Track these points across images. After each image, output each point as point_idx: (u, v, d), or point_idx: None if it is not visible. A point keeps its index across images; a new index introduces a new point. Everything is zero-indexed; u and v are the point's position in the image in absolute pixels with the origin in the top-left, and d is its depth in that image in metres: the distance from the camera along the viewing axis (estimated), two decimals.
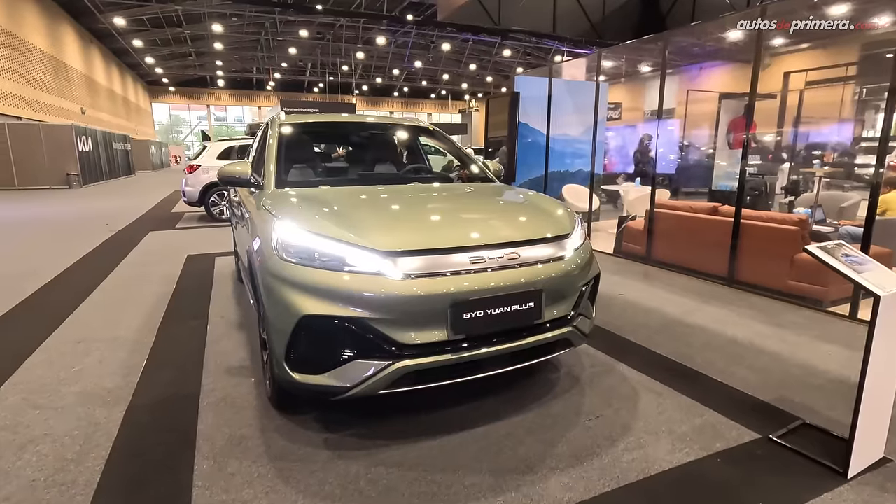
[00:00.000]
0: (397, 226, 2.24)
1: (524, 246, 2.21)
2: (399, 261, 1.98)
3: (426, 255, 2.02)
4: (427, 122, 3.89)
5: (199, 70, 37.94)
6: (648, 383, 2.74)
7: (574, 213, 2.70)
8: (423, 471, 2.00)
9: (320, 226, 2.13)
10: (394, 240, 2.05)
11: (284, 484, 1.92)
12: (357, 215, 2.27)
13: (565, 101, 7.81)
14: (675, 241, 5.17)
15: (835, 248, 2.01)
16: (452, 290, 1.97)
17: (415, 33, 31.22)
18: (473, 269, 2.05)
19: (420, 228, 2.24)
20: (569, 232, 2.42)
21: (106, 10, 23.89)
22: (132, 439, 2.22)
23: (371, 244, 2.00)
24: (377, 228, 2.13)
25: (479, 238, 2.16)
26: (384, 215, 2.38)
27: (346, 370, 1.97)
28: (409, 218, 2.38)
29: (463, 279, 2.01)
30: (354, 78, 40.24)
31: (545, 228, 2.38)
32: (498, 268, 2.10)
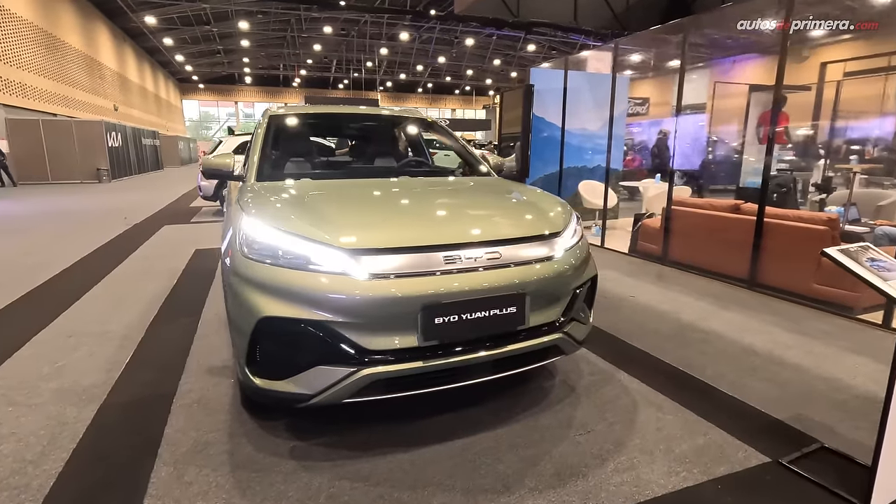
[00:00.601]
0: (368, 222, 2.09)
1: (506, 245, 2.02)
2: (365, 260, 1.83)
3: (394, 253, 1.86)
4: (426, 115, 3.73)
5: (228, 67, 38.67)
6: (650, 395, 2.53)
7: (570, 210, 2.50)
8: (390, 487, 1.85)
9: (287, 222, 1.99)
10: (360, 237, 1.90)
11: (241, 496, 1.80)
12: (330, 210, 2.13)
13: (584, 95, 7.52)
14: (694, 240, 4.88)
15: (859, 252, 1.77)
16: (423, 293, 1.81)
17: (439, 29, 31.03)
18: (448, 269, 1.88)
19: (392, 225, 2.07)
20: (559, 230, 2.22)
21: (138, 10, 24.50)
22: (96, 441, 2.14)
23: (336, 242, 1.85)
24: (346, 225, 1.99)
25: (456, 236, 1.98)
26: (358, 211, 2.22)
27: (308, 376, 1.83)
28: (384, 214, 2.21)
29: (435, 280, 1.84)
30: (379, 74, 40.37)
31: (532, 226, 2.19)
32: (476, 269, 1.92)
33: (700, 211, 4.81)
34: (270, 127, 3.07)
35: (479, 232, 2.05)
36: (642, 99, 25.53)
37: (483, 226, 2.15)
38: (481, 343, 1.96)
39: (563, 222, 2.29)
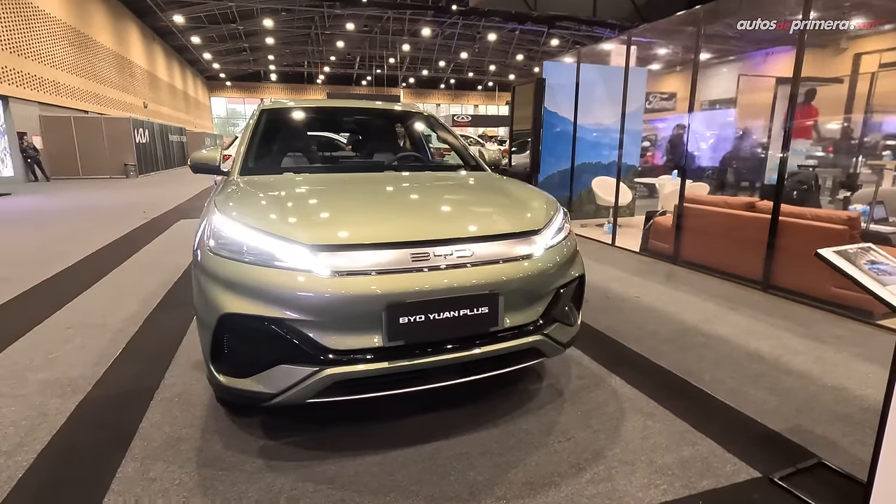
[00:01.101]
0: (335, 218, 2.02)
1: (480, 243, 1.94)
2: (327, 257, 1.77)
3: (358, 250, 1.79)
4: (423, 109, 3.65)
5: (254, 65, 39.29)
6: (640, 402, 2.41)
7: (556, 207, 2.39)
8: (353, 491, 1.79)
9: (254, 217, 1.95)
10: (324, 233, 1.84)
11: (201, 496, 1.77)
12: (300, 206, 2.08)
13: (599, 89, 7.32)
14: (706, 239, 4.68)
15: (858, 253, 1.62)
16: (387, 291, 1.74)
17: (461, 24, 30.84)
18: (415, 267, 1.81)
19: (359, 221, 2.01)
20: (539, 228, 2.12)
21: (167, 9, 25.08)
22: (72, 434, 2.15)
23: (299, 238, 1.80)
24: (312, 221, 1.93)
25: (426, 233, 1.91)
26: (329, 207, 2.17)
27: (270, 375, 1.79)
28: (355, 210, 2.14)
29: (401, 279, 1.77)
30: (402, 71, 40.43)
31: (510, 224, 2.09)
32: (445, 267, 1.84)
33: (713, 209, 4.60)
34: (260, 122, 3.05)
35: (451, 229, 1.97)
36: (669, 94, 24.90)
37: (457, 223, 2.07)
38: (451, 344, 1.89)
39: (545, 219, 2.19)
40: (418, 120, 3.66)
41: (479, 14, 22.41)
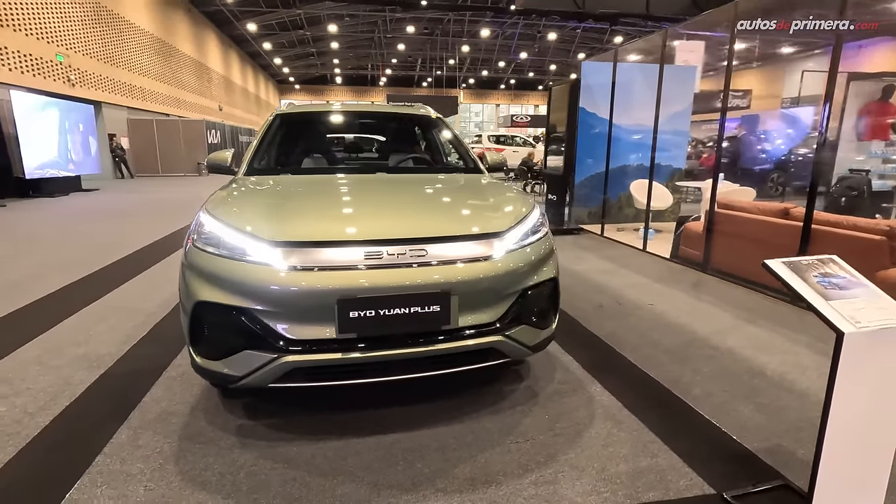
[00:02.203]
0: (300, 217, 2.16)
1: (434, 243, 2.00)
2: (286, 252, 1.91)
3: (314, 247, 1.92)
4: (432, 112, 3.73)
5: (320, 69, 41.08)
6: (615, 410, 2.36)
7: (529, 211, 2.40)
8: (305, 471, 1.92)
9: (231, 215, 2.13)
10: (285, 230, 1.98)
11: (174, 464, 1.96)
12: (275, 205, 2.24)
13: (642, 88, 7.07)
14: (737, 247, 4.42)
15: (812, 265, 1.53)
16: (337, 286, 1.86)
17: (522, 24, 30.58)
18: (367, 264, 1.91)
19: (319, 219, 2.13)
20: (500, 231, 2.15)
21: (242, 18, 26.82)
22: (85, 402, 2.44)
23: (263, 234, 1.96)
24: (279, 218, 2.08)
25: (381, 232, 2.00)
26: (300, 206, 2.31)
27: (237, 359, 1.95)
28: (323, 209, 2.27)
29: (351, 275, 1.88)
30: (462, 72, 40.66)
31: (469, 225, 2.14)
32: (397, 265, 1.93)
33: (744, 215, 4.35)
34: (273, 125, 3.27)
35: (408, 229, 2.05)
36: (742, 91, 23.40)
37: (415, 223, 2.14)
38: (404, 340, 1.97)
39: (510, 223, 2.21)
40: (425, 122, 3.75)
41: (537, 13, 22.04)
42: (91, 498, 1.78)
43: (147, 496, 1.79)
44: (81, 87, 14.87)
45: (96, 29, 15.71)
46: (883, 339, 1.34)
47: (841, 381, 1.34)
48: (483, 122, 49.63)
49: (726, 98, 4.57)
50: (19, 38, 12.28)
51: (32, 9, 12.77)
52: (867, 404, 1.39)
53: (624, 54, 6.76)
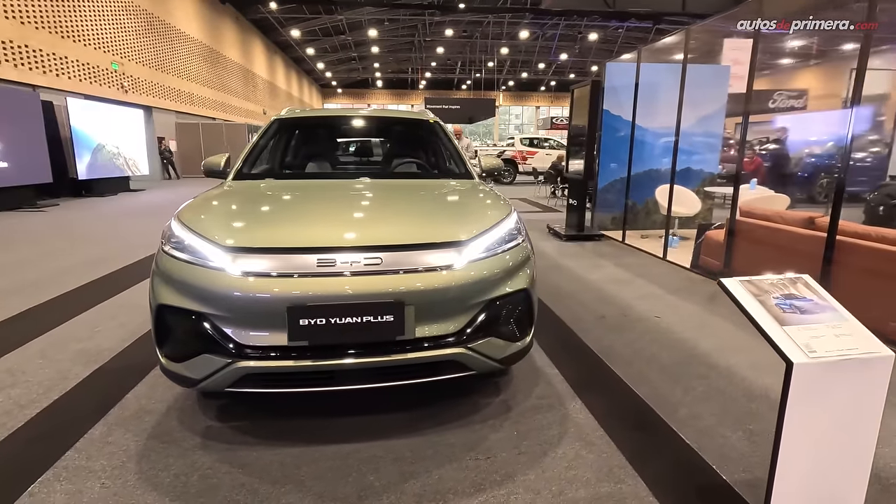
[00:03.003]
0: (259, 223, 2.17)
1: (390, 251, 1.96)
2: (239, 258, 1.92)
3: (266, 254, 1.92)
4: (431, 117, 3.69)
5: (362, 72, 41.89)
6: (589, 430, 2.25)
7: (500, 218, 2.31)
8: (257, 478, 1.92)
9: (197, 220, 2.16)
10: (240, 237, 1.99)
11: (135, 462, 2.01)
12: (238, 211, 2.26)
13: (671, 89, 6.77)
14: (758, 257, 4.15)
15: (776, 285, 1.39)
16: (287, 294, 1.85)
17: (563, 24, 30.12)
18: (318, 272, 1.89)
19: (277, 225, 2.13)
20: (463, 240, 2.08)
21: (286, 25, 27.74)
22: (72, 397, 2.54)
23: (219, 240, 1.97)
24: (239, 224, 2.10)
25: (334, 240, 1.98)
26: (263, 212, 2.31)
27: (196, 363, 1.98)
28: (282, 214, 2.28)
29: (302, 282, 1.87)
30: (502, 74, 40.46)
31: (430, 234, 2.08)
32: (350, 273, 1.90)
33: (766, 224, 4.07)
34: (268, 131, 3.32)
35: (363, 236, 2.02)
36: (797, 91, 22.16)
37: (373, 231, 2.11)
38: (358, 349, 1.94)
39: (477, 231, 2.14)
40: (422, 127, 3.71)
41: (564, 14, 21.70)
42: (50, 493, 1.84)
43: (101, 493, 1.83)
44: (133, 93, 15.76)
45: (149, 38, 16.61)
46: (839, 370, 1.19)
47: (791, 414, 1.21)
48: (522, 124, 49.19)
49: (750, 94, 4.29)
50: (79, 48, 13.15)
51: (92, 22, 13.65)
52: (820, 437, 1.25)
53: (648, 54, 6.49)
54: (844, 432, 1.24)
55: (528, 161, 15.98)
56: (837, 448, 1.25)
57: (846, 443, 1.24)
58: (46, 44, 12.01)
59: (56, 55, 12.32)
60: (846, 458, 1.26)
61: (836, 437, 1.24)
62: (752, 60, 4.18)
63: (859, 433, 1.23)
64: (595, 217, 7.34)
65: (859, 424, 1.23)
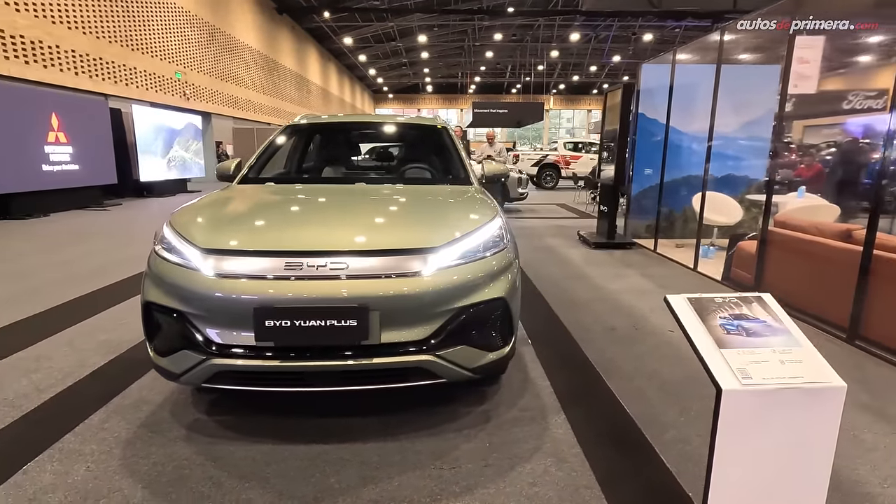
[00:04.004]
0: (234, 225, 2.24)
1: (356, 256, 1.98)
2: (212, 259, 2.00)
3: (237, 256, 1.99)
4: (439, 122, 3.69)
5: (412, 78, 42.57)
6: (565, 447, 2.17)
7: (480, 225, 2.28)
8: (226, 472, 1.99)
9: (183, 222, 2.26)
10: (215, 239, 2.07)
11: (121, 449, 2.13)
12: (222, 214, 2.35)
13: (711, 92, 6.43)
14: (791, 271, 3.85)
15: (725, 304, 1.29)
16: (254, 295, 1.91)
17: (617, 26, 29.33)
18: (285, 275, 1.93)
19: (250, 229, 2.19)
20: (434, 246, 2.06)
21: (340, 33, 28.65)
22: (85, 384, 2.73)
23: (197, 241, 2.06)
24: (213, 227, 2.18)
25: (302, 243, 2.02)
26: (245, 215, 2.39)
27: (176, 358, 2.07)
28: (261, 218, 2.34)
29: (269, 285, 1.92)
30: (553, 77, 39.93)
31: (400, 239, 2.08)
32: (316, 277, 1.93)
33: (799, 235, 3.77)
34: (279, 135, 3.44)
35: (330, 241, 2.05)
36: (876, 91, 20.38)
37: (340, 236, 2.13)
38: (324, 352, 1.97)
39: (449, 237, 2.12)
40: (431, 133, 3.71)
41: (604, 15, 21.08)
42: (41, 472, 1.98)
43: (83, 476, 1.96)
44: (194, 100, 16.78)
45: (210, 49, 17.65)
46: (778, 399, 1.09)
47: (722, 443, 1.11)
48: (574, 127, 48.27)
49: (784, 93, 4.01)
50: (146, 59, 14.17)
51: (159, 35, 14.68)
52: (756, 467, 1.14)
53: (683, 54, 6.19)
54: (790, 464, 1.13)
55: (570, 165, 15.63)
56: (783, 480, 1.13)
57: (792, 475, 1.12)
58: (118, 56, 13.02)
59: (126, 66, 13.33)
60: (794, 491, 1.14)
61: (779, 469, 1.13)
62: (787, 60, 3.90)
63: (808, 465, 1.12)
64: (628, 224, 7.07)
65: (808, 456, 1.11)
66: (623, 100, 5.95)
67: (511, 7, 24.01)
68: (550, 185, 15.78)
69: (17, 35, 9.92)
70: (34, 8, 10.31)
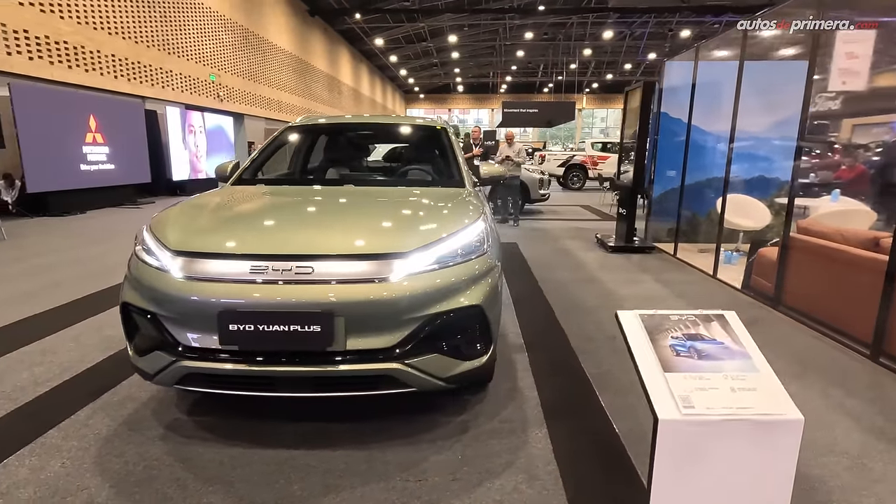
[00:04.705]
0: (206, 227, 2.22)
1: (322, 260, 1.94)
2: (181, 261, 2.00)
3: (202, 258, 1.98)
4: (438, 122, 3.62)
5: (443, 78, 42.58)
6: (541, 463, 2.07)
7: (459, 228, 2.20)
8: (192, 474, 1.99)
9: (161, 223, 2.27)
10: (184, 241, 2.07)
11: (99, 447, 2.16)
12: (198, 215, 2.35)
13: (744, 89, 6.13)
14: (813, 280, 3.60)
15: (680, 323, 1.18)
16: (218, 298, 1.89)
17: (653, 22, 28.54)
18: (250, 279, 1.91)
19: (219, 231, 2.18)
20: (402, 251, 2.00)
21: (371, 34, 28.95)
22: (79, 379, 2.80)
23: (168, 243, 2.07)
24: (185, 229, 2.18)
25: (267, 247, 2.00)
26: (220, 217, 2.37)
27: (150, 358, 2.09)
28: (233, 221, 2.33)
29: (233, 288, 1.90)
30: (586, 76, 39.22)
31: (369, 243, 2.03)
32: (281, 282, 1.90)
33: (822, 242, 3.52)
34: (277, 137, 3.46)
35: (296, 245, 2.02)
36: None
37: (307, 240, 2.09)
38: (289, 357, 1.94)
39: (421, 243, 2.05)
40: (429, 134, 3.65)
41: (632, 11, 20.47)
42: (20, 466, 2.03)
43: (57, 471, 1.99)
44: (228, 101, 17.26)
45: (244, 51, 18.12)
46: (722, 430, 0.97)
47: (659, 476, 1.01)
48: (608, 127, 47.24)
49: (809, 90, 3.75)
50: (182, 62, 14.66)
51: (194, 39, 15.17)
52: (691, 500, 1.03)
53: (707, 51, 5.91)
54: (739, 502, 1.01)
55: (598, 166, 15.27)
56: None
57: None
58: (155, 60, 13.51)
59: (162, 69, 13.82)
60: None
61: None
62: (811, 56, 3.65)
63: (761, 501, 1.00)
64: (649, 227, 6.83)
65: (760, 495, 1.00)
66: (643, 99, 5.73)
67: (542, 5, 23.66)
68: (577, 187, 15.45)
69: (61, 41, 10.42)
70: (77, 15, 10.80)
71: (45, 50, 9.96)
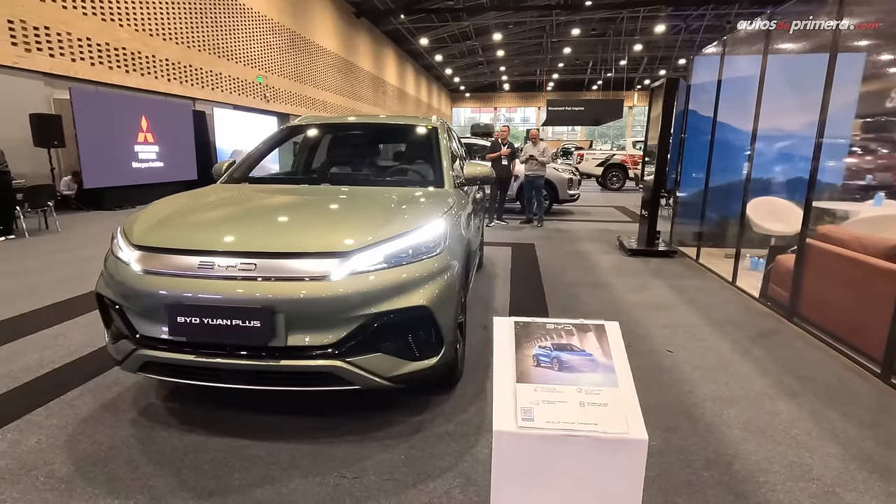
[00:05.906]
0: (164, 223, 2.30)
1: (264, 258, 1.99)
2: (137, 255, 2.11)
3: (157, 252, 2.07)
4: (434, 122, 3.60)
5: (489, 76, 42.37)
6: (483, 470, 2.03)
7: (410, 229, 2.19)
8: (147, 457, 2.09)
9: (133, 219, 2.40)
10: (143, 235, 2.18)
11: (75, 426, 2.32)
12: (169, 211, 2.45)
13: (778, 84, 5.73)
14: (828, 292, 3.33)
15: (554, 332, 1.13)
16: (166, 291, 1.98)
17: (711, 14, 27.20)
18: (197, 274, 1.99)
19: (175, 227, 2.27)
20: (346, 251, 2.02)
21: (417, 34, 29.23)
22: (78, 364, 3.00)
23: (131, 237, 2.19)
24: (148, 224, 2.28)
25: (214, 243, 2.07)
26: (182, 213, 2.44)
27: (118, 346, 2.22)
28: (192, 218, 2.41)
29: (181, 282, 1.99)
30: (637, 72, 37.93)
31: (314, 242, 2.06)
32: (224, 277, 1.97)
33: (838, 250, 3.24)
34: (274, 137, 3.56)
35: (240, 242, 2.08)
36: None
37: (252, 237, 2.14)
38: (234, 350, 2.00)
39: (367, 242, 2.06)
40: (418, 134, 3.64)
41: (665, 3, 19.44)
42: (1, 440, 2.21)
43: (31, 447, 2.16)
44: (274, 102, 17.95)
45: (290, 53, 18.78)
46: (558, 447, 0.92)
47: (497, 489, 0.97)
48: None
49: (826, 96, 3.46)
50: (231, 65, 15.38)
51: (243, 42, 15.88)
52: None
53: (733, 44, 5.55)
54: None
55: (638, 166, 14.71)
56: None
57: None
58: (205, 63, 14.25)
59: (212, 72, 14.56)
60: None
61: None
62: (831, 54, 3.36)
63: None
64: (674, 230, 6.52)
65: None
66: (666, 96, 5.48)
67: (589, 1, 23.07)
68: (616, 187, 14.96)
69: (120, 47, 11.19)
70: (135, 22, 11.57)
71: (105, 56, 10.73)
